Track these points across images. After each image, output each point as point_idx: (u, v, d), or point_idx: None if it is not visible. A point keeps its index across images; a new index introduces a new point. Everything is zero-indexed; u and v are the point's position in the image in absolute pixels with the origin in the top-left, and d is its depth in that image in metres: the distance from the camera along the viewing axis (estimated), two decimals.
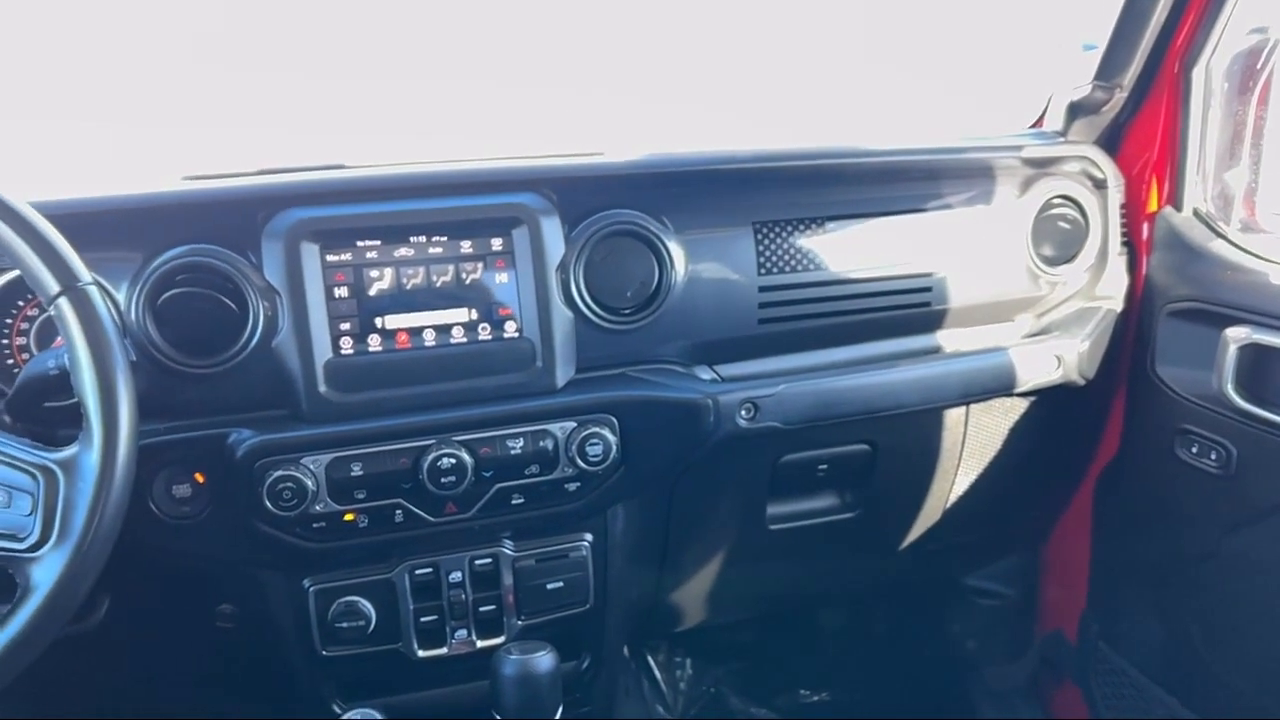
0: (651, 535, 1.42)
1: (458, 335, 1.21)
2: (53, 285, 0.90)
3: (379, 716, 1.14)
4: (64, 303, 0.90)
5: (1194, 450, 1.38)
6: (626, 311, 1.26)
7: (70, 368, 0.91)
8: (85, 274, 0.92)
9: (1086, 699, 1.70)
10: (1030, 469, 1.61)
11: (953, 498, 1.58)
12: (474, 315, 1.21)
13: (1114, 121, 1.49)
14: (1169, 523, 1.48)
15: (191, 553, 1.18)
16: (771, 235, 1.31)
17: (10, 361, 1.17)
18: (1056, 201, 1.45)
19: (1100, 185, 1.47)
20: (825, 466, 1.46)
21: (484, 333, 1.21)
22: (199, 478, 1.15)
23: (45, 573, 0.88)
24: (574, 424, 1.23)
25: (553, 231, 1.21)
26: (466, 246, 1.20)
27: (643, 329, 1.27)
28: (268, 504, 1.13)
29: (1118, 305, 1.49)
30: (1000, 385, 1.42)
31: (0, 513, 0.89)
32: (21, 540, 0.88)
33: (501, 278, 1.21)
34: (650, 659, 2.09)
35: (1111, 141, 1.51)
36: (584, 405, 1.24)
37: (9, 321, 1.17)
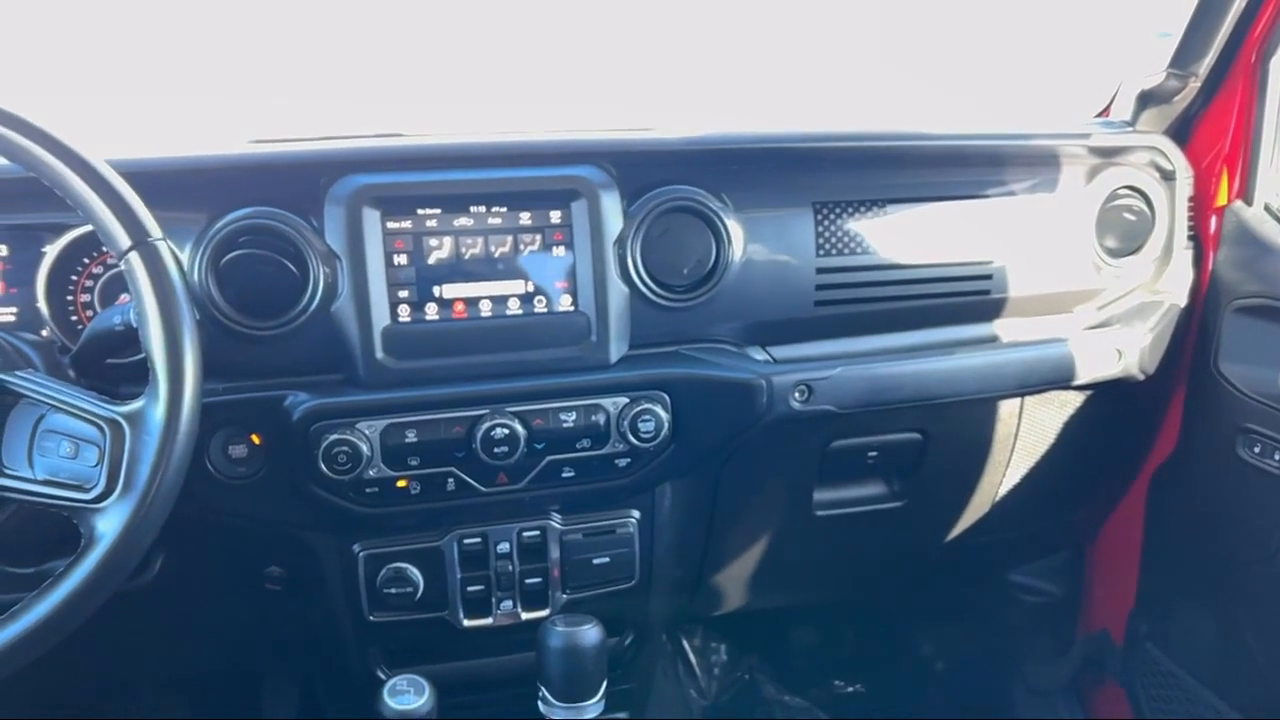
0: (698, 515, 1.41)
1: (513, 307, 1.21)
2: (124, 239, 0.91)
3: (424, 682, 1.14)
4: (134, 257, 0.91)
5: (1256, 450, 1.35)
6: (682, 289, 1.25)
7: (138, 322, 0.92)
8: (156, 229, 0.93)
9: (1130, 700, 1.67)
10: (1083, 465, 1.59)
11: (1002, 491, 1.56)
12: (530, 287, 1.21)
13: (1185, 112, 1.46)
14: (1226, 523, 1.45)
15: (245, 513, 1.20)
16: (831, 216, 1.30)
17: (74, 318, 1.19)
18: (1123, 192, 1.42)
19: (1168, 177, 1.44)
20: (875, 454, 1.45)
21: (539, 305, 1.21)
22: (255, 439, 1.16)
23: (109, 524, 0.89)
24: (626, 400, 1.23)
25: (611, 206, 1.21)
26: (525, 218, 1.20)
27: (698, 307, 1.26)
28: (322, 467, 1.14)
29: (1181, 300, 1.46)
30: (1058, 377, 1.39)
31: (67, 463, 0.90)
32: (87, 491, 0.90)
33: (559, 251, 1.21)
34: (686, 643, 2.09)
35: (1181, 132, 1.47)
36: (637, 381, 1.23)
37: (74, 279, 1.18)
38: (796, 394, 1.28)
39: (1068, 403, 1.50)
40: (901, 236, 1.33)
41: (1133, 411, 1.55)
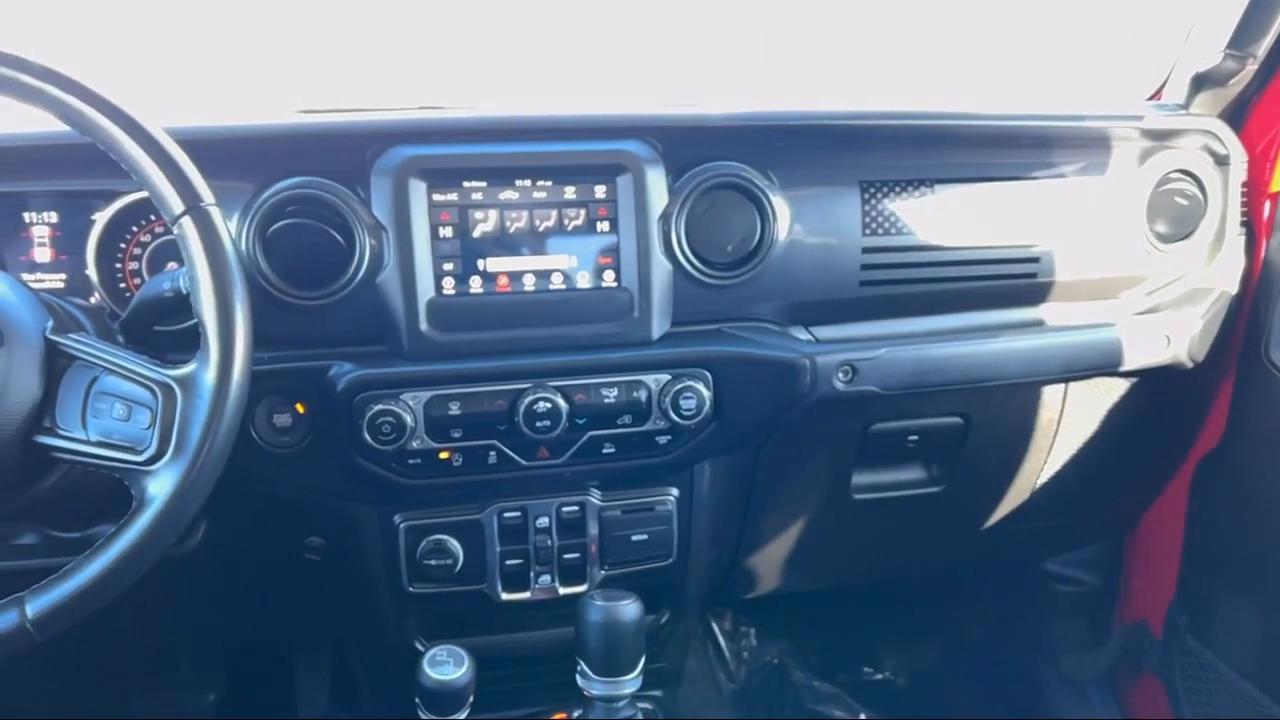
0: (735, 495, 1.41)
1: (557, 282, 1.20)
2: (178, 204, 0.91)
3: (463, 653, 1.15)
4: (187, 222, 0.91)
5: None
6: (726, 266, 1.24)
7: (190, 287, 0.93)
8: (209, 195, 0.93)
9: (1168, 692, 1.65)
10: (1126, 453, 1.56)
11: (1043, 478, 1.54)
12: (574, 262, 1.21)
13: (1241, 95, 1.43)
14: (1273, 514, 1.42)
15: (289, 482, 1.20)
16: (878, 195, 1.29)
17: (122, 285, 1.20)
18: (1175, 176, 1.39)
19: (1222, 161, 1.41)
20: (915, 438, 1.43)
21: (583, 280, 1.21)
22: (300, 408, 1.17)
23: (161, 486, 0.89)
24: (668, 377, 1.23)
25: (657, 181, 1.20)
26: (570, 192, 1.20)
27: (741, 285, 1.25)
28: (367, 437, 1.14)
29: (1232, 287, 1.43)
30: (1105, 363, 1.38)
31: (120, 425, 0.91)
32: (140, 453, 0.90)
33: (603, 226, 1.21)
34: (716, 626, 2.09)
35: (1236, 116, 1.44)
36: (679, 359, 1.23)
37: (122, 247, 1.19)
38: (840, 374, 1.27)
39: (1113, 389, 1.48)
40: (949, 217, 1.32)
41: (1179, 399, 1.53)
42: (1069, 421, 1.49)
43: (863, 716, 1.93)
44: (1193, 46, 1.44)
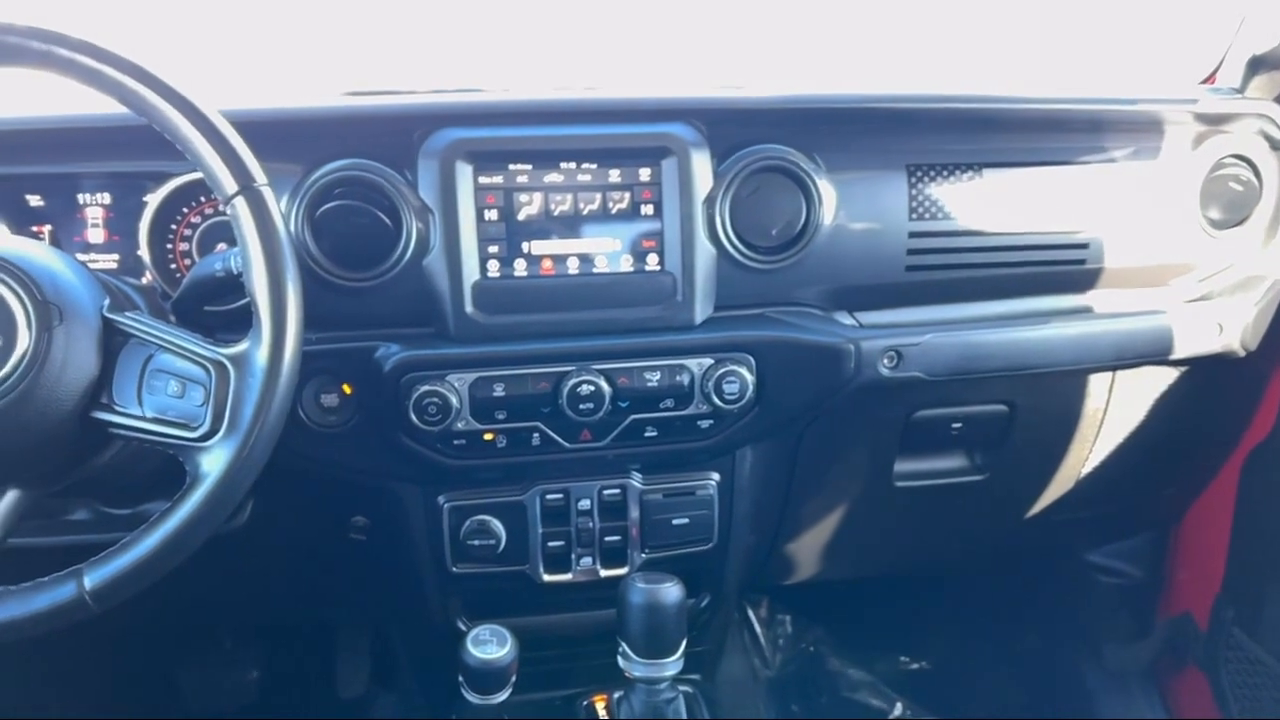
0: (777, 480, 1.40)
1: (601, 265, 1.21)
2: (231, 185, 0.92)
3: (506, 633, 1.16)
4: (240, 202, 0.92)
5: None
6: (770, 250, 1.24)
7: (242, 266, 0.94)
8: (262, 176, 0.94)
9: (1213, 686, 1.63)
10: (1174, 443, 1.54)
11: (1088, 468, 1.52)
12: (618, 246, 1.21)
13: None
14: None
15: (335, 462, 1.22)
16: (925, 180, 1.27)
17: (173, 266, 1.21)
18: (1229, 161, 1.36)
19: (1278, 146, 1.38)
20: (959, 425, 1.42)
21: (626, 264, 1.21)
22: (346, 389, 1.18)
23: (214, 462, 0.91)
24: (711, 361, 1.22)
25: (702, 164, 1.20)
26: (615, 175, 1.20)
27: (785, 269, 1.25)
28: (413, 418, 1.15)
29: None
30: (1156, 350, 1.35)
31: (175, 402, 0.92)
32: (194, 430, 0.91)
33: (647, 209, 1.20)
34: (752, 612, 2.09)
35: None
36: (722, 343, 1.23)
37: (173, 228, 1.21)
38: (885, 360, 1.27)
39: (1161, 378, 1.46)
40: (997, 202, 1.30)
41: (1229, 389, 1.50)
42: (1115, 410, 1.46)
43: (899, 705, 1.93)
44: (1248, 29, 1.41)
